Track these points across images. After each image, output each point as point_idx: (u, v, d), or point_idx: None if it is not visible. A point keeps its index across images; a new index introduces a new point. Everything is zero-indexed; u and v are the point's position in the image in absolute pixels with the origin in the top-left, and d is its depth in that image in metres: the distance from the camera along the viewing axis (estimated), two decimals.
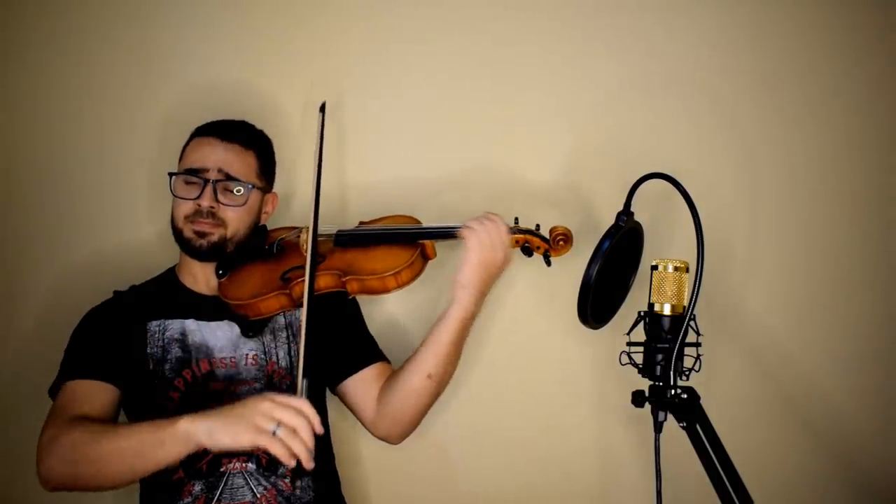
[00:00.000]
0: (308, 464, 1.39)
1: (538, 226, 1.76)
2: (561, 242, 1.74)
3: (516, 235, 1.74)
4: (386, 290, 1.72)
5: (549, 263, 1.77)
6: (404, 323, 1.99)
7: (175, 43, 2.00)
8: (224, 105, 1.89)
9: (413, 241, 1.75)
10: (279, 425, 1.38)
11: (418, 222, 1.82)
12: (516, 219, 1.77)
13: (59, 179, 1.99)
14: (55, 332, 1.77)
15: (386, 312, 1.99)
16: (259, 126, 1.85)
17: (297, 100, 2.00)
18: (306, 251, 1.66)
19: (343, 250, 1.77)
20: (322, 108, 1.76)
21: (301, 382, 1.49)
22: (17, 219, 1.98)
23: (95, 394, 1.63)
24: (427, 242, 1.76)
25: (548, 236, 1.75)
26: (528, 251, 1.76)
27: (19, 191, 1.98)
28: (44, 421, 1.63)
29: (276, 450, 1.38)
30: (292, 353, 1.76)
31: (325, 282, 1.72)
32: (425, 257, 1.76)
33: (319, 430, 1.41)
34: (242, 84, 2.00)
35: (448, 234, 1.73)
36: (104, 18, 1.99)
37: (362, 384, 1.79)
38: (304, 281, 1.60)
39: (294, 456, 1.38)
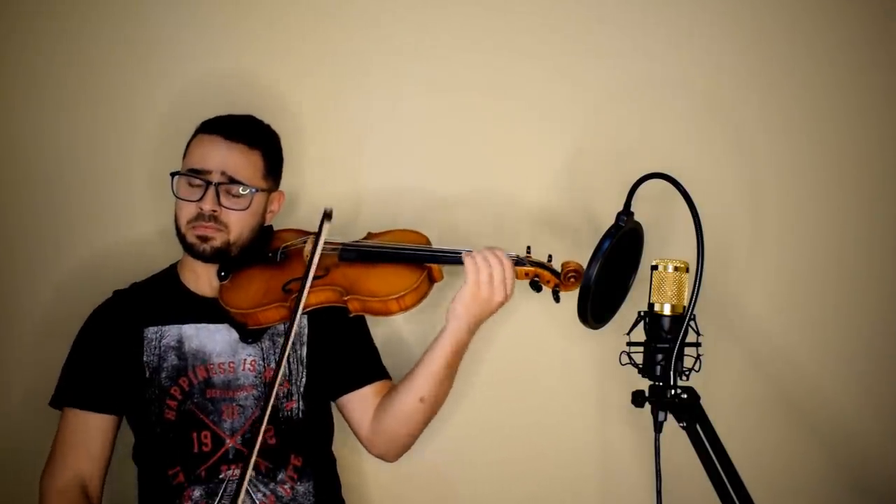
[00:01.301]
0: None
1: (550, 257, 1.70)
2: (572, 279, 1.66)
3: (526, 268, 1.67)
4: (389, 313, 1.67)
5: (557, 300, 1.68)
6: (407, 338, 1.98)
7: (183, 38, 1.98)
8: (232, 102, 1.85)
9: (420, 262, 1.69)
10: None
11: (427, 239, 1.77)
12: (528, 248, 1.70)
13: (60, 177, 1.98)
14: (57, 332, 1.79)
15: (389, 327, 1.97)
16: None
17: (308, 99, 1.99)
18: (309, 258, 1.62)
19: (347, 265, 1.71)
20: (329, 215, 1.60)
21: None
22: (16, 218, 1.98)
23: (93, 430, 1.69)
24: (434, 266, 1.69)
25: (559, 270, 1.67)
26: (536, 286, 1.68)
27: (20, 190, 1.98)
28: (44, 419, 1.71)
29: None
30: (291, 360, 1.74)
31: (327, 296, 1.68)
32: (431, 280, 1.70)
33: None
34: (251, 82, 1.98)
35: (453, 259, 1.67)
36: (104, 13, 1.98)
37: (360, 402, 1.77)
38: (304, 293, 1.56)
39: None
